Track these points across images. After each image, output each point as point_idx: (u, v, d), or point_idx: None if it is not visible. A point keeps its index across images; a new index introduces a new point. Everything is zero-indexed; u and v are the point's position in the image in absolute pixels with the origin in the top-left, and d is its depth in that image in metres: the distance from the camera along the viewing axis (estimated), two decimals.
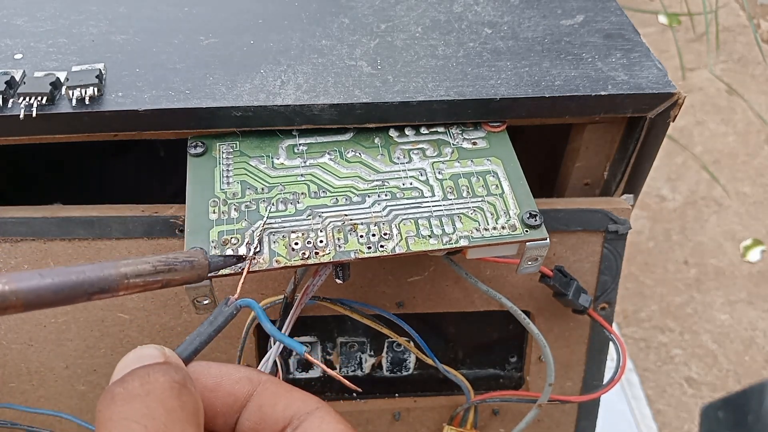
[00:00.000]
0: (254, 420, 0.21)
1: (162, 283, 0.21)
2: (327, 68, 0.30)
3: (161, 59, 0.31)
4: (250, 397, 0.21)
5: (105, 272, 0.20)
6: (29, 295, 0.18)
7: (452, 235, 0.26)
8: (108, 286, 0.20)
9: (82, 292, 0.19)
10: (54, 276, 0.19)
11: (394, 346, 0.37)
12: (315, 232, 0.26)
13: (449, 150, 0.29)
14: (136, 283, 0.21)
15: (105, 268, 0.20)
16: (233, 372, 0.22)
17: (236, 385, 0.21)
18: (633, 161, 0.34)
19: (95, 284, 0.19)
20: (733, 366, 0.95)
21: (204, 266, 0.23)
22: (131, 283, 0.20)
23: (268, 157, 0.29)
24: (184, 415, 0.18)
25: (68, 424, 0.34)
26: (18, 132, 0.28)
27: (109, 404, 0.18)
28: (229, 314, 0.23)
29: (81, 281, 0.19)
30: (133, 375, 0.19)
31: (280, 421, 0.21)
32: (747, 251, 1.08)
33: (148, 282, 0.21)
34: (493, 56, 0.31)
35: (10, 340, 0.32)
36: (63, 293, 0.19)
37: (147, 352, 0.20)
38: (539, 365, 0.36)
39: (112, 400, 0.18)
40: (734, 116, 1.28)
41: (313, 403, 0.21)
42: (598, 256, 0.33)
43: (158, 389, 0.18)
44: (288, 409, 0.21)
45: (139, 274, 0.21)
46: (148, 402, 0.18)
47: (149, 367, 0.19)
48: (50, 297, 0.18)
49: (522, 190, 0.28)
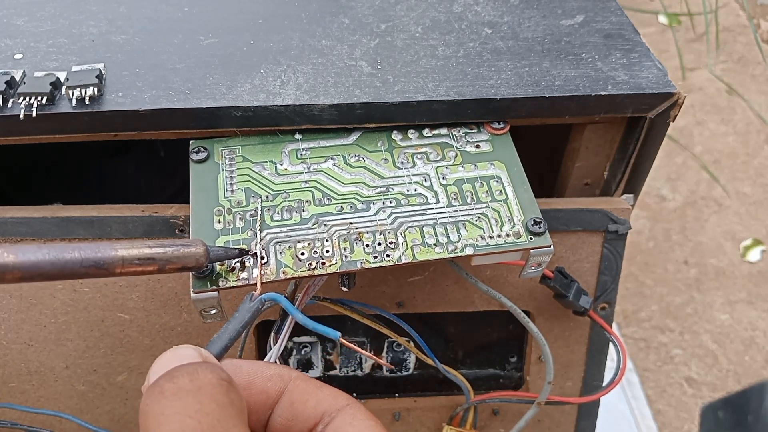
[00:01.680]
0: (286, 417, 0.21)
1: (158, 267, 0.22)
2: (327, 68, 0.30)
3: (161, 59, 0.31)
4: (282, 394, 0.21)
5: (102, 252, 0.20)
6: (28, 265, 0.19)
7: (457, 244, 0.26)
8: (105, 264, 0.20)
9: (79, 267, 0.20)
10: (52, 251, 0.19)
11: (394, 346, 0.37)
12: (321, 241, 0.26)
13: (453, 154, 0.29)
14: (133, 266, 0.21)
15: (102, 248, 0.20)
16: (264, 369, 0.22)
17: (268, 383, 0.21)
18: (633, 161, 0.34)
19: (91, 262, 0.20)
20: (733, 366, 0.95)
21: (202, 254, 0.23)
22: (127, 263, 0.21)
23: (272, 162, 0.29)
24: (234, 412, 0.18)
25: (68, 424, 0.34)
26: (18, 132, 0.28)
27: (159, 399, 0.18)
28: (255, 309, 0.23)
29: (78, 258, 0.19)
30: (180, 371, 0.19)
31: (312, 417, 0.21)
32: (747, 251, 1.08)
33: (145, 266, 0.21)
34: (493, 56, 0.31)
35: (10, 340, 0.32)
36: (60, 267, 0.19)
37: (184, 351, 0.20)
38: (539, 365, 0.36)
39: (161, 394, 0.18)
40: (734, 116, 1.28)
41: (344, 399, 0.21)
42: (598, 256, 0.33)
43: (208, 386, 0.18)
44: (319, 405, 0.21)
45: (136, 257, 0.21)
46: (199, 398, 0.18)
47: (196, 365, 0.19)
48: (47, 269, 0.19)
49: (526, 195, 0.28)
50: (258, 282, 0.25)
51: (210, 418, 0.17)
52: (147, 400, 0.18)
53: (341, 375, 0.37)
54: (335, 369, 0.37)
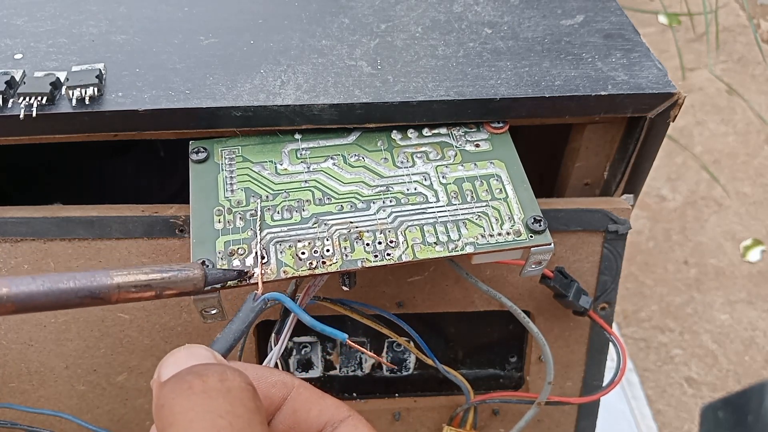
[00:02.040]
0: (288, 423, 0.21)
1: (155, 294, 0.21)
2: (327, 68, 0.30)
3: (161, 59, 0.31)
4: (284, 401, 0.21)
5: (97, 281, 0.20)
6: (22, 298, 0.18)
7: (458, 242, 0.26)
8: (100, 294, 0.20)
9: (74, 298, 0.19)
10: (46, 282, 0.19)
11: (394, 346, 0.37)
12: (321, 240, 0.26)
13: (452, 153, 0.29)
14: (129, 293, 0.21)
15: (98, 276, 0.20)
16: (268, 375, 0.21)
17: (272, 389, 0.21)
18: (633, 161, 0.34)
19: (87, 292, 0.20)
20: (733, 366, 0.95)
21: (200, 278, 0.23)
22: (123, 291, 0.20)
23: (272, 162, 0.29)
24: (261, 418, 0.18)
25: (68, 424, 0.34)
26: (18, 132, 0.28)
27: (187, 394, 0.17)
28: (258, 309, 0.23)
29: (73, 288, 0.19)
30: (208, 369, 0.18)
31: (314, 426, 0.21)
32: (747, 251, 1.08)
33: (142, 292, 0.21)
34: (493, 56, 0.31)
35: (10, 340, 0.32)
36: (54, 298, 0.19)
37: (199, 351, 0.20)
38: (539, 365, 0.36)
39: (190, 390, 0.18)
40: (734, 116, 1.28)
41: (345, 411, 0.21)
42: (598, 256, 0.33)
43: (237, 389, 0.18)
44: (321, 415, 0.21)
45: (132, 285, 0.21)
46: (230, 399, 0.18)
47: (224, 366, 0.19)
48: (42, 301, 0.19)
49: (526, 194, 0.28)
50: (259, 281, 0.25)
51: (241, 421, 0.17)
52: (172, 393, 0.18)
53: (341, 375, 0.37)
54: (335, 369, 0.37)
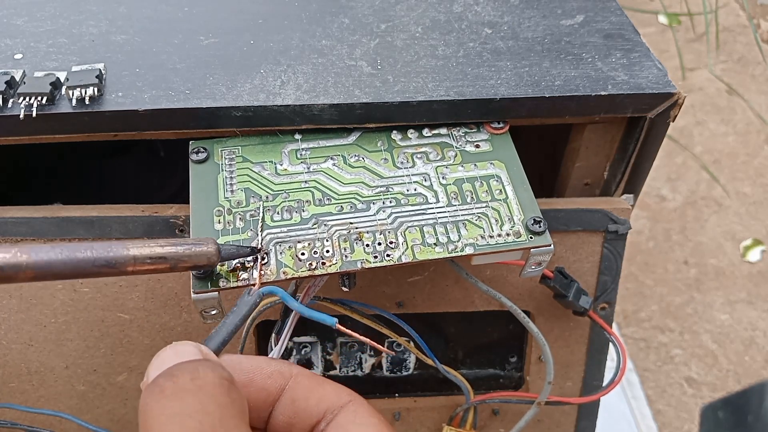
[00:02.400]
0: (288, 414, 0.21)
1: (170, 266, 0.22)
2: (327, 68, 0.30)
3: (161, 59, 0.31)
4: (283, 391, 0.21)
5: (114, 252, 0.20)
6: (41, 265, 0.19)
7: (458, 243, 0.26)
8: (116, 264, 0.20)
9: (91, 267, 0.20)
10: (65, 250, 0.19)
11: (394, 346, 0.37)
12: (321, 241, 0.26)
13: (452, 153, 0.29)
14: (144, 265, 0.21)
15: (114, 247, 0.20)
16: (265, 366, 0.21)
17: (269, 380, 0.21)
18: (633, 161, 0.34)
19: (103, 261, 0.20)
20: (733, 366, 0.95)
21: (214, 253, 0.23)
22: (139, 263, 0.21)
23: (272, 162, 0.29)
24: (235, 412, 0.18)
25: (68, 424, 0.34)
26: (18, 132, 0.28)
27: (158, 398, 0.17)
28: (252, 303, 0.23)
29: (90, 258, 0.20)
30: (180, 369, 0.18)
31: (314, 414, 0.21)
32: (747, 251, 1.08)
33: (157, 264, 0.21)
34: (493, 56, 0.31)
35: (10, 340, 0.32)
36: (72, 267, 0.19)
37: (184, 348, 0.20)
38: (539, 365, 0.36)
39: (161, 393, 0.18)
40: (734, 116, 1.28)
41: (346, 395, 0.21)
42: (598, 256, 0.33)
43: (209, 385, 0.18)
44: (321, 402, 0.21)
45: (147, 256, 0.21)
46: (200, 397, 0.18)
47: (197, 362, 0.19)
48: (60, 269, 0.19)
49: (526, 195, 0.28)
50: (258, 281, 0.25)
51: (211, 418, 0.17)
52: (147, 398, 0.18)
53: (341, 375, 0.37)
54: (335, 369, 0.37)
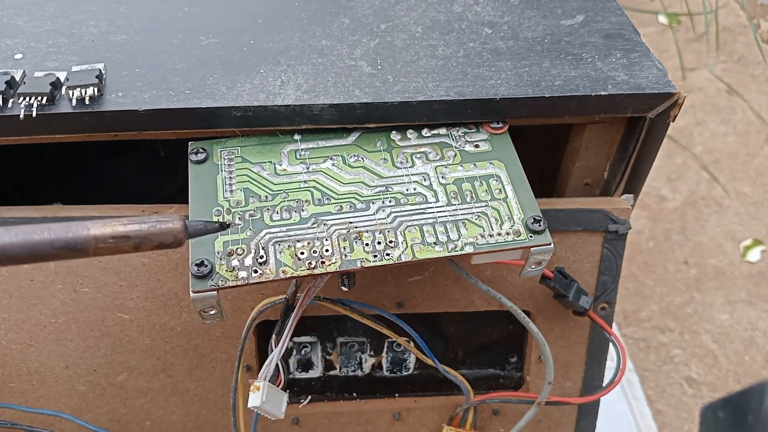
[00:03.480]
0: None
1: (134, 246, 0.20)
2: (327, 68, 0.30)
3: (161, 59, 0.31)
4: None
5: (72, 232, 0.19)
6: None
7: (457, 242, 0.26)
8: (77, 245, 0.19)
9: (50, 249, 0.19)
10: (20, 233, 0.18)
11: (394, 346, 0.37)
12: (320, 240, 0.26)
13: (452, 153, 0.29)
14: (108, 243, 0.20)
15: (73, 227, 0.19)
16: None
17: None
18: (633, 161, 0.34)
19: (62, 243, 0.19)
20: (733, 366, 0.95)
21: (180, 230, 0.22)
22: (101, 243, 0.20)
23: (271, 163, 0.29)
24: None
25: (68, 424, 0.34)
26: (18, 132, 0.28)
27: None
28: None
29: (48, 239, 0.19)
30: None
31: None
32: (747, 251, 1.07)
33: (120, 244, 0.20)
34: (493, 56, 0.31)
35: (10, 340, 0.32)
36: (29, 250, 0.18)
37: None
38: (539, 365, 0.36)
39: None
40: (734, 116, 1.28)
41: None
42: (598, 256, 0.33)
43: None
44: None
45: (110, 236, 0.20)
46: None
47: None
48: (16, 252, 0.18)
49: (525, 194, 0.28)
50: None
51: None
52: None
53: (341, 375, 0.37)
54: (335, 369, 0.37)
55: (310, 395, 0.36)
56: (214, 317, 0.26)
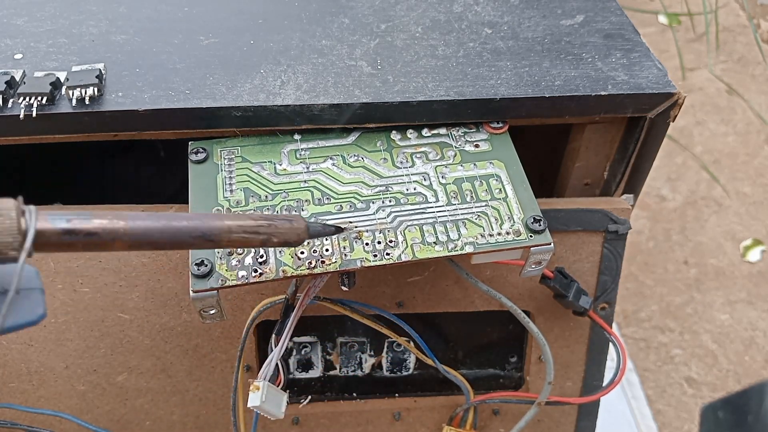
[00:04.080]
0: None
1: (262, 240, 0.21)
2: (327, 68, 0.30)
3: (161, 59, 0.31)
4: None
5: (211, 222, 0.20)
6: (139, 233, 0.18)
7: (457, 242, 0.26)
8: (212, 235, 0.20)
9: (187, 237, 0.19)
10: (162, 219, 0.19)
11: (394, 346, 0.37)
12: (320, 240, 0.26)
13: (452, 153, 0.29)
14: (239, 236, 0.20)
15: (209, 219, 0.20)
16: None
17: None
18: (633, 161, 0.34)
19: (199, 233, 0.20)
20: (733, 366, 0.95)
21: (303, 229, 0.23)
22: (234, 235, 0.20)
23: (271, 162, 0.29)
24: None
25: (68, 424, 0.34)
26: (18, 132, 0.28)
27: None
28: None
29: (186, 228, 0.19)
30: None
31: None
32: (747, 251, 1.07)
33: (249, 237, 0.21)
34: (493, 56, 0.31)
35: (10, 340, 0.32)
36: (169, 236, 0.19)
37: None
38: (539, 365, 0.36)
39: None
40: (734, 116, 1.28)
41: None
42: (598, 256, 0.33)
43: None
44: None
45: (242, 229, 0.21)
46: None
47: None
48: (156, 238, 0.19)
49: (525, 194, 0.28)
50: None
51: None
52: None
53: (341, 375, 0.37)
54: (335, 369, 0.37)
55: (310, 395, 0.36)
56: (214, 317, 0.26)
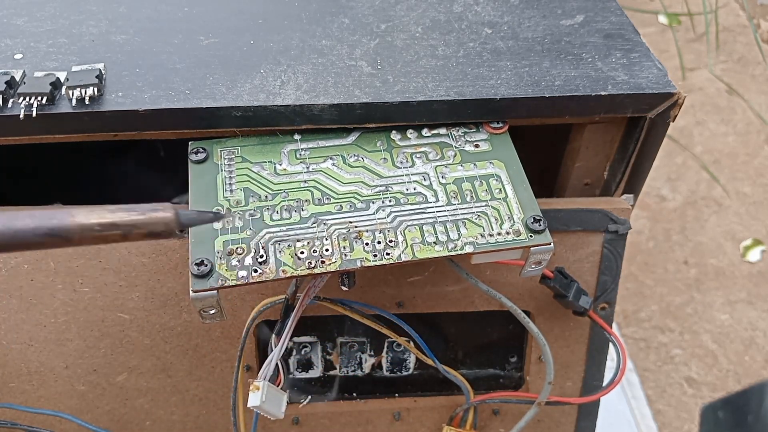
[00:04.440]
0: None
1: (123, 234, 0.20)
2: (327, 68, 0.30)
3: (161, 59, 0.31)
4: None
5: (57, 219, 0.18)
6: None
7: (457, 242, 0.26)
8: (60, 233, 0.18)
9: (32, 236, 0.18)
10: (2, 218, 0.17)
11: (394, 346, 0.37)
12: (320, 240, 0.26)
13: (452, 153, 0.29)
14: (94, 232, 0.19)
15: (58, 215, 0.18)
16: None
17: None
18: (633, 161, 0.34)
19: (45, 230, 0.18)
20: (733, 366, 0.95)
21: (172, 218, 0.21)
22: (87, 231, 0.19)
23: (271, 162, 0.29)
24: None
25: (68, 424, 0.34)
26: (18, 132, 0.28)
27: None
28: None
29: (30, 227, 0.18)
30: None
31: None
32: (747, 251, 1.07)
33: (107, 231, 0.19)
34: (493, 56, 0.31)
35: (10, 340, 0.32)
36: (10, 237, 0.17)
37: None
38: (539, 365, 0.36)
39: None
40: (734, 116, 1.28)
41: None
42: (598, 256, 0.33)
43: None
44: None
45: (96, 224, 0.19)
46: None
47: None
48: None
49: (525, 193, 0.28)
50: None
51: None
52: None
53: (341, 375, 0.37)
54: (335, 369, 0.37)
55: (310, 395, 0.36)
56: (214, 317, 0.26)
